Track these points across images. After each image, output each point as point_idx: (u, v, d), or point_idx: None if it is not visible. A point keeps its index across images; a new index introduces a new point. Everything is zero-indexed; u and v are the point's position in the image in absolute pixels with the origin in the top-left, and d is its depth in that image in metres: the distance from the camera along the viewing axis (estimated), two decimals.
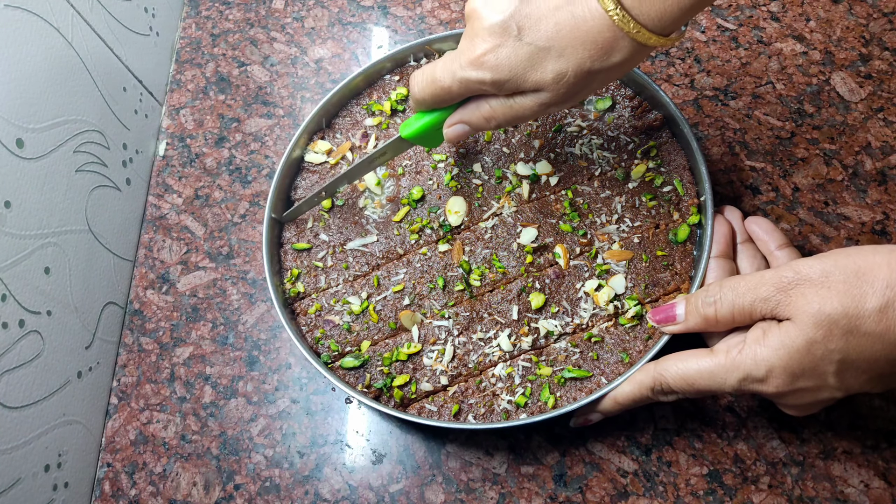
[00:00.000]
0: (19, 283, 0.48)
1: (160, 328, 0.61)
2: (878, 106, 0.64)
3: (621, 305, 0.53)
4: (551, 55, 0.41)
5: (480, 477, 0.54)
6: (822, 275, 0.40)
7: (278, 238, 0.58)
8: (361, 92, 0.63)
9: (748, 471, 0.53)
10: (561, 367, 0.51)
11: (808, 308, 0.39)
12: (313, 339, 0.54)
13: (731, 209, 0.54)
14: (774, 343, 0.41)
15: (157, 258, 0.64)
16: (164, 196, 0.66)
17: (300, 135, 0.59)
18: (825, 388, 0.41)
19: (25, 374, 0.49)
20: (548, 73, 0.42)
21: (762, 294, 0.42)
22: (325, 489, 0.55)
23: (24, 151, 0.50)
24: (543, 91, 0.43)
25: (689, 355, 0.45)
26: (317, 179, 0.59)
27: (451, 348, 0.52)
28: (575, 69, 0.41)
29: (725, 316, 0.44)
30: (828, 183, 0.61)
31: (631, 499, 0.53)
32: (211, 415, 0.58)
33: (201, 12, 0.75)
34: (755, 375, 0.42)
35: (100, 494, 0.56)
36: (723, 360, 0.43)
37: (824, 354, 0.39)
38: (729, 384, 0.43)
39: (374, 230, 0.57)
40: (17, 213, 0.49)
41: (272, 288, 0.54)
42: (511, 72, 0.42)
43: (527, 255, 0.54)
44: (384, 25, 0.73)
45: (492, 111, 0.46)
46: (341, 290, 0.55)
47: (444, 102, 0.47)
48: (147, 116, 0.68)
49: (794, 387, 0.41)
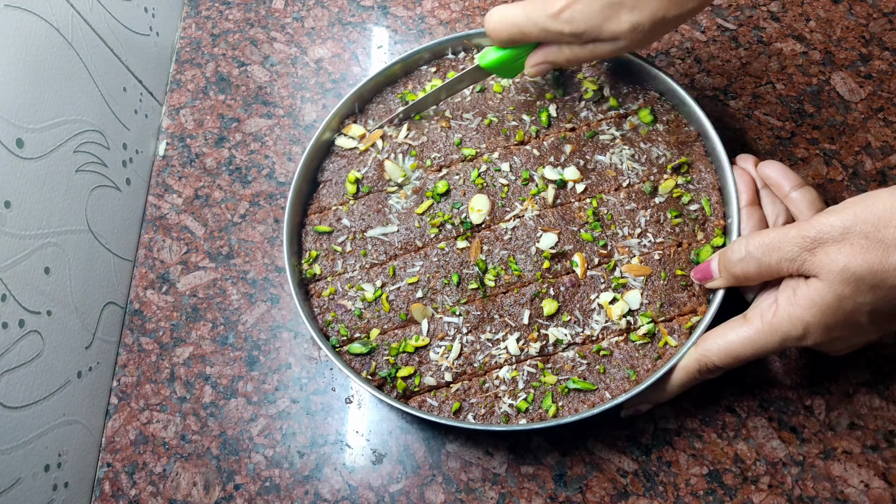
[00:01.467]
0: (19, 283, 0.48)
1: (160, 328, 0.61)
2: (878, 106, 0.64)
3: (634, 321, 0.52)
4: (625, 7, 0.45)
5: (480, 477, 0.54)
6: (842, 232, 0.40)
7: (301, 220, 0.58)
8: (398, 80, 0.62)
9: (748, 471, 0.53)
10: (566, 376, 0.51)
11: (833, 266, 0.40)
12: (324, 321, 0.55)
13: (745, 157, 0.55)
14: (806, 302, 0.42)
15: (157, 258, 0.64)
16: (164, 196, 0.66)
17: (332, 117, 0.59)
18: (862, 333, 0.43)
19: (25, 374, 0.49)
20: (624, 24, 0.46)
21: (787, 254, 0.43)
22: (325, 489, 0.55)
23: (24, 151, 0.50)
24: (620, 40, 0.47)
25: (726, 329, 0.47)
26: (344, 164, 0.59)
27: (459, 346, 0.52)
28: (651, 18, 0.45)
29: (752, 274, 0.46)
30: (828, 183, 0.61)
31: (631, 499, 0.53)
32: (211, 415, 0.58)
33: (201, 12, 0.75)
34: (794, 335, 0.43)
35: (100, 494, 0.56)
36: (759, 325, 0.44)
37: (855, 307, 0.41)
38: (771, 347, 0.44)
39: (396, 220, 0.57)
40: (17, 213, 0.49)
41: (289, 268, 0.54)
42: (587, 24, 0.46)
43: (544, 260, 0.54)
44: (384, 25, 0.73)
45: (573, 53, 0.50)
46: (357, 277, 0.55)
47: (521, 43, 0.52)
48: (147, 116, 0.68)
49: (831, 336, 0.43)
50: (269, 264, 0.63)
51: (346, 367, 0.51)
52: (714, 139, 0.55)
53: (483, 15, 0.72)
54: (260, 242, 0.64)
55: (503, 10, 0.50)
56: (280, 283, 0.62)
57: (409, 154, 0.58)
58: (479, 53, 0.55)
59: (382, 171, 0.58)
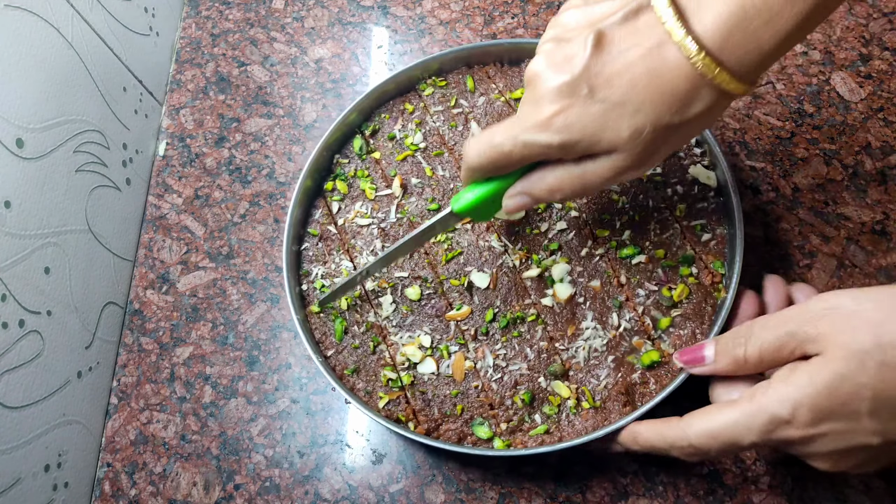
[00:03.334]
0: (19, 283, 0.48)
1: (160, 328, 0.61)
2: (878, 106, 0.64)
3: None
4: (627, 111, 0.38)
5: (480, 477, 0.54)
6: (852, 302, 0.36)
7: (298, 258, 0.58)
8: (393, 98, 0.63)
9: (748, 471, 0.53)
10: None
11: (838, 339, 0.36)
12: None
13: (775, 280, 0.49)
14: (801, 380, 0.37)
15: (157, 258, 0.64)
16: (164, 196, 0.66)
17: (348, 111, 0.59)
18: (859, 432, 0.36)
19: (25, 374, 0.49)
20: (623, 131, 0.39)
21: (790, 328, 0.39)
22: (325, 489, 0.55)
23: (24, 151, 0.50)
24: (618, 152, 0.40)
25: (713, 408, 0.42)
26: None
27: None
28: (653, 123, 0.38)
29: (753, 355, 0.41)
30: (828, 183, 0.61)
31: (631, 499, 0.53)
32: (211, 415, 0.58)
33: (201, 12, 0.75)
34: (780, 416, 0.37)
35: (100, 494, 0.56)
36: (747, 406, 0.39)
37: (854, 390, 0.35)
38: (755, 430, 0.38)
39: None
40: (17, 213, 0.49)
41: (289, 290, 0.54)
42: (582, 132, 0.39)
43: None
44: (384, 25, 0.73)
45: (558, 181, 0.43)
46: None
47: (502, 170, 0.44)
48: (147, 116, 0.68)
49: (821, 429, 0.37)
50: (269, 264, 0.63)
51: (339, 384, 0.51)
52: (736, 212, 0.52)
53: (482, 15, 0.72)
54: (260, 242, 0.64)
55: (481, 134, 0.44)
56: (280, 284, 0.62)
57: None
58: (452, 197, 0.49)
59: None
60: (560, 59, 0.39)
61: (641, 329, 0.52)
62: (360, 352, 0.53)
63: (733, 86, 0.37)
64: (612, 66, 0.38)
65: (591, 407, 0.50)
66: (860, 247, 0.59)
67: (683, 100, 0.38)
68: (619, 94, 0.38)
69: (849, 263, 0.58)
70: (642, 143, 0.39)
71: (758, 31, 0.36)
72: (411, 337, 0.53)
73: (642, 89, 0.38)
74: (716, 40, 0.36)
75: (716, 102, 0.38)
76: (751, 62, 0.37)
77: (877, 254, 0.58)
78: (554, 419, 0.50)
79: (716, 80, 0.37)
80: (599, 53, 0.38)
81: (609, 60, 0.38)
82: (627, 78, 0.38)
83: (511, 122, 0.42)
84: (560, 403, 0.50)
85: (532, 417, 0.50)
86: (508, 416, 0.50)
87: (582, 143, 0.40)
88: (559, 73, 0.39)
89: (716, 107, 0.39)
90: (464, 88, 0.61)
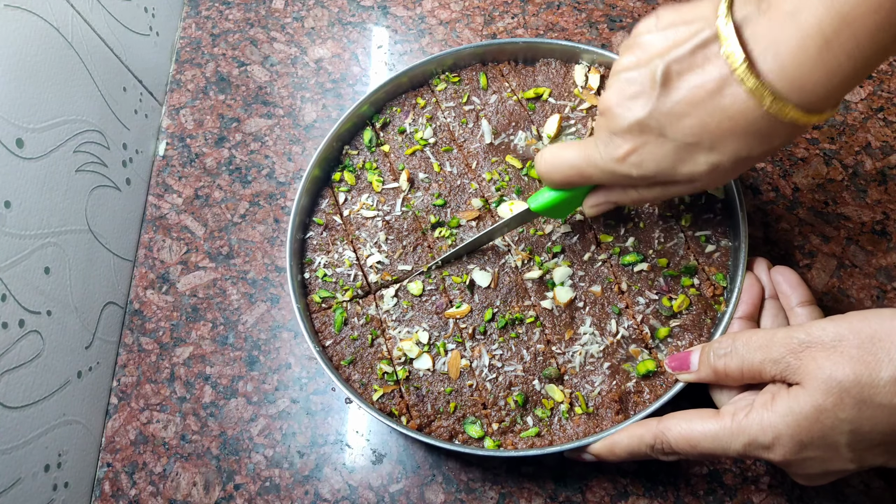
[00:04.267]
0: (19, 283, 0.48)
1: (160, 328, 0.61)
2: (878, 106, 0.64)
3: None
4: (702, 149, 0.39)
5: (480, 477, 0.54)
6: (835, 338, 0.37)
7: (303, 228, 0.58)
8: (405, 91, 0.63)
9: (748, 471, 0.53)
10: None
11: (818, 373, 0.37)
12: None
13: (760, 262, 0.51)
14: (782, 409, 0.38)
15: (157, 258, 0.64)
16: (164, 196, 0.66)
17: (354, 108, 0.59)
18: (837, 459, 0.39)
19: (25, 374, 0.49)
20: (701, 166, 0.40)
21: (773, 355, 0.40)
22: (325, 489, 0.55)
23: (24, 151, 0.50)
24: (697, 181, 0.42)
25: (694, 415, 0.43)
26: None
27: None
28: (731, 158, 0.39)
29: (734, 371, 0.42)
30: (828, 183, 0.61)
31: (631, 499, 0.53)
32: (211, 415, 0.58)
33: (201, 12, 0.75)
34: (761, 442, 0.39)
35: (100, 494, 0.56)
36: (728, 423, 0.41)
37: (834, 424, 0.37)
38: (733, 448, 0.41)
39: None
40: (17, 213, 0.49)
41: (292, 287, 0.53)
42: (658, 168, 0.41)
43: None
44: (384, 25, 0.73)
45: (640, 196, 0.45)
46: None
47: (578, 186, 0.47)
48: (147, 116, 0.68)
49: (801, 456, 0.39)
50: (269, 264, 0.63)
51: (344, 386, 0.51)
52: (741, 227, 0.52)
53: (482, 15, 0.72)
54: (260, 242, 0.64)
55: (556, 151, 0.46)
56: (280, 283, 0.62)
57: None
58: (531, 195, 0.51)
59: None
60: (630, 93, 0.40)
61: (639, 337, 0.52)
62: (358, 344, 0.53)
63: (810, 119, 0.37)
64: (680, 106, 0.39)
65: (584, 412, 0.50)
66: (860, 247, 0.59)
67: (762, 137, 0.38)
68: (691, 134, 0.39)
69: (849, 263, 0.58)
70: (721, 173, 0.41)
71: (830, 62, 0.34)
72: (409, 332, 0.53)
73: (715, 128, 0.38)
74: (784, 82, 0.35)
75: (794, 131, 0.38)
76: (824, 93, 0.36)
77: (877, 254, 0.58)
78: (546, 422, 0.50)
79: (787, 118, 0.36)
80: (668, 91, 0.39)
81: (678, 99, 0.38)
82: (698, 118, 0.38)
83: (589, 146, 0.44)
84: (553, 407, 0.50)
85: (524, 419, 0.50)
86: (500, 416, 0.50)
87: (659, 175, 0.42)
88: (630, 111, 0.40)
89: (794, 133, 0.39)
90: (476, 86, 0.61)
